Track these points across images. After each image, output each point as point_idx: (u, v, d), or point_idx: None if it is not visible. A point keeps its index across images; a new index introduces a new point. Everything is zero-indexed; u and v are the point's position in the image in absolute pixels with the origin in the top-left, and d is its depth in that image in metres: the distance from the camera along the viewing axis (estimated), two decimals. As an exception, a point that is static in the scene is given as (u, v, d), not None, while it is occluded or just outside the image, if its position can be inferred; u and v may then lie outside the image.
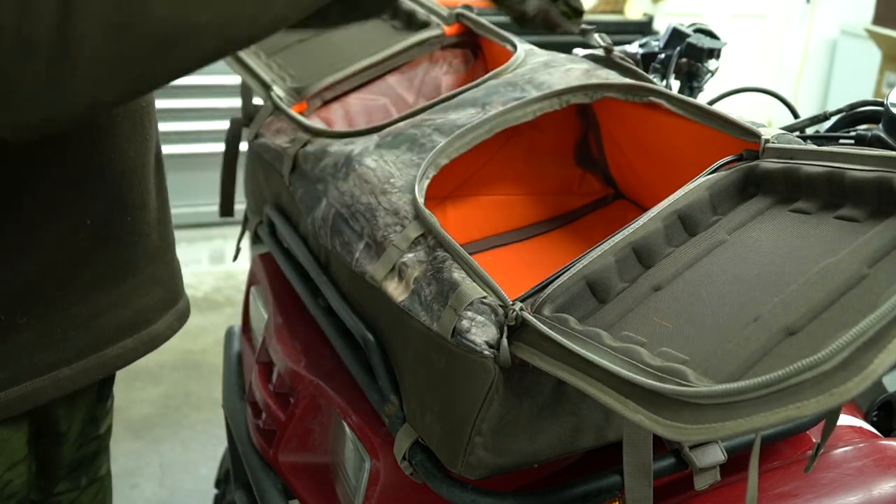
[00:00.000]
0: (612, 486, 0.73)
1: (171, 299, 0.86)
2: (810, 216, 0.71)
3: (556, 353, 0.62)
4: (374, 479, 0.84)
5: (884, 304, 0.49)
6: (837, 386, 0.46)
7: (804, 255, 0.64)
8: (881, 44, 3.83)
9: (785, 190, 0.75)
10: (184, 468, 2.06)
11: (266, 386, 1.07)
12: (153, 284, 0.83)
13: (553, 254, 1.14)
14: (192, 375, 2.42)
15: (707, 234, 0.74)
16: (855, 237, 0.63)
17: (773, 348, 0.54)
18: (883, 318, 0.48)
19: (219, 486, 1.52)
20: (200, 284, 2.95)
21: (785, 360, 0.51)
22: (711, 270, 0.68)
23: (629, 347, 0.59)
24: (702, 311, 0.63)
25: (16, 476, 0.77)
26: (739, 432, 0.48)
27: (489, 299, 0.70)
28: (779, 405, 0.47)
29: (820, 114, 1.10)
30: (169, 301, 0.85)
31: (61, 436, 0.82)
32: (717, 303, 0.63)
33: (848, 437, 0.88)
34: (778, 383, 0.47)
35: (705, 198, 0.75)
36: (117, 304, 0.78)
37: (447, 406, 0.71)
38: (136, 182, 0.79)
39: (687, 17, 3.36)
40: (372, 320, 0.86)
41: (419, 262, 0.77)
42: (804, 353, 0.47)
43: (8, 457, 0.75)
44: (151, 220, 0.83)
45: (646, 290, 0.69)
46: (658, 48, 1.35)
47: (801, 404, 0.46)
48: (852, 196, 0.69)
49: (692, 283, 0.68)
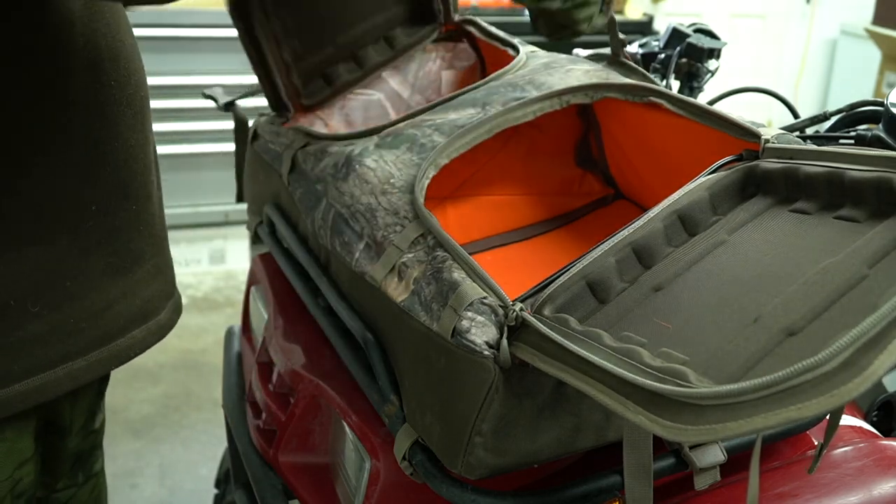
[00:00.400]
0: (612, 486, 0.73)
1: (170, 291, 0.86)
2: (810, 216, 0.71)
3: (556, 353, 0.62)
4: (374, 479, 0.84)
5: (884, 304, 0.49)
6: (838, 387, 0.46)
7: (804, 256, 0.64)
8: (881, 44, 3.83)
9: (785, 190, 0.75)
10: (184, 468, 2.06)
11: (266, 386, 1.07)
12: (157, 274, 0.83)
13: (553, 254, 1.14)
14: (192, 375, 2.42)
15: (707, 234, 0.74)
16: (855, 237, 0.63)
17: (774, 349, 0.54)
18: (883, 318, 0.48)
19: (219, 486, 1.52)
20: (200, 284, 2.95)
21: (785, 360, 0.51)
22: (711, 271, 0.68)
23: (629, 348, 0.59)
24: (702, 311, 0.63)
25: (25, 475, 0.77)
26: (740, 433, 0.48)
27: (489, 299, 0.70)
28: (779, 406, 0.47)
29: (820, 114, 1.10)
30: (168, 292, 0.86)
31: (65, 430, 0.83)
32: (717, 303, 0.63)
33: (848, 437, 0.88)
34: (778, 384, 0.47)
35: (705, 198, 0.75)
36: (126, 294, 0.79)
37: (447, 406, 0.71)
38: (139, 171, 0.80)
39: (687, 17, 3.37)
40: (372, 320, 0.86)
41: (419, 263, 0.77)
42: (805, 354, 0.47)
43: (17, 456, 0.75)
44: (155, 210, 0.83)
45: (646, 291, 0.69)
46: (658, 48, 1.35)
47: (802, 405, 0.46)
48: (852, 196, 0.69)
49: (692, 283, 0.68)
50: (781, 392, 0.47)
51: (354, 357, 0.88)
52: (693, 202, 0.75)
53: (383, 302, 0.80)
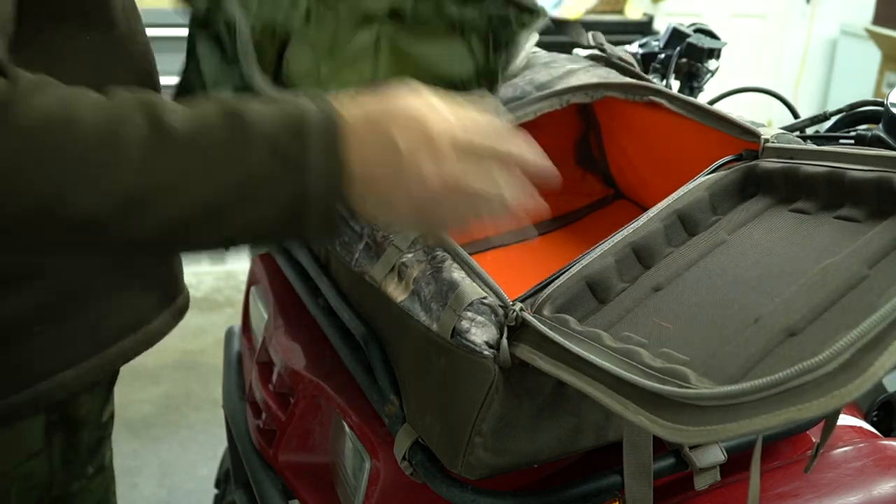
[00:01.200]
0: (612, 486, 0.73)
1: (171, 297, 0.87)
2: (810, 216, 0.71)
3: (556, 353, 0.62)
4: (374, 479, 0.84)
5: (884, 305, 0.49)
6: (839, 388, 0.46)
7: (804, 256, 0.64)
8: (881, 44, 3.83)
9: (784, 190, 0.75)
10: (183, 468, 2.06)
11: (266, 386, 1.07)
12: (155, 287, 0.84)
13: (553, 254, 1.14)
14: (192, 375, 2.42)
15: (707, 234, 0.74)
16: (855, 237, 0.63)
17: (774, 349, 0.54)
18: (883, 319, 0.48)
19: (219, 486, 1.52)
20: (200, 284, 2.96)
21: (786, 361, 0.51)
22: (712, 271, 0.68)
23: (629, 348, 0.59)
24: (702, 311, 0.63)
25: (35, 468, 0.77)
26: (740, 434, 0.48)
27: (489, 299, 0.69)
28: (780, 407, 0.47)
29: (820, 114, 1.10)
30: (168, 300, 0.86)
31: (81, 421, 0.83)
32: (717, 304, 0.63)
33: (848, 437, 0.88)
34: (779, 385, 0.47)
35: (705, 198, 0.75)
36: (123, 308, 0.79)
37: (447, 406, 0.71)
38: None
39: (687, 17, 3.37)
40: (372, 320, 0.86)
41: (418, 262, 0.77)
42: (805, 355, 0.47)
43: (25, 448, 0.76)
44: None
45: (646, 291, 0.69)
46: (658, 48, 1.35)
47: (803, 406, 0.46)
48: (852, 196, 0.69)
49: (692, 283, 0.68)
50: (782, 393, 0.47)
51: (354, 357, 0.88)
52: (693, 202, 0.75)
53: (383, 302, 0.80)
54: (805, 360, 0.47)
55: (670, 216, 0.74)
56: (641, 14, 3.63)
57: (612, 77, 1.02)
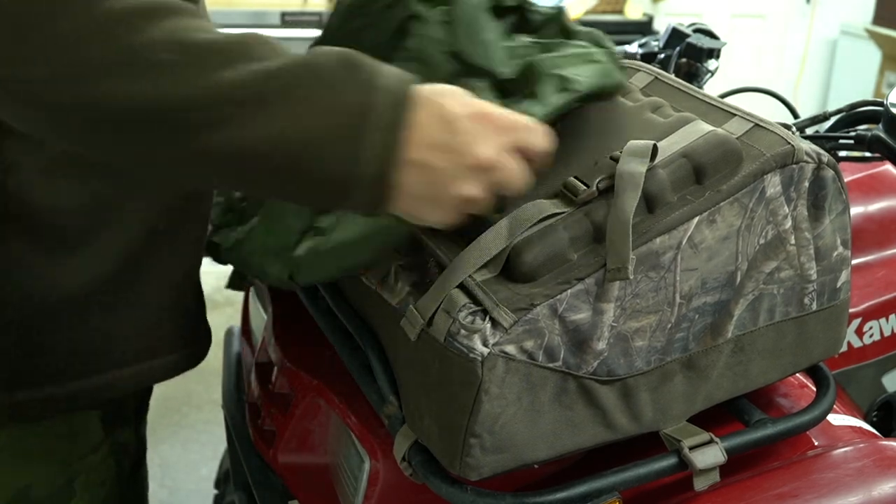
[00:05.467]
0: (612, 485, 0.73)
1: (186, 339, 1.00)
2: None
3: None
4: (373, 479, 0.84)
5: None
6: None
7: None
8: (881, 44, 3.83)
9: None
10: (184, 468, 2.06)
11: (266, 386, 1.07)
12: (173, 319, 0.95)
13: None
14: (192, 375, 2.41)
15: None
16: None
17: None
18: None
19: (219, 487, 1.52)
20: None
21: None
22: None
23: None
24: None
25: (100, 459, 0.83)
26: None
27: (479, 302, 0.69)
28: None
29: (820, 114, 1.11)
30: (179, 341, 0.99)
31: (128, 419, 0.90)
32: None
33: (848, 437, 0.88)
34: None
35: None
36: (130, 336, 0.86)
37: (443, 408, 0.71)
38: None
39: (687, 17, 3.36)
40: (370, 321, 0.86)
41: (413, 266, 0.78)
42: None
43: (89, 440, 0.82)
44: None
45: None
46: (658, 48, 1.35)
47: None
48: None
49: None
50: None
51: (354, 358, 0.88)
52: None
53: (379, 304, 0.80)
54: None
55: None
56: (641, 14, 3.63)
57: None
